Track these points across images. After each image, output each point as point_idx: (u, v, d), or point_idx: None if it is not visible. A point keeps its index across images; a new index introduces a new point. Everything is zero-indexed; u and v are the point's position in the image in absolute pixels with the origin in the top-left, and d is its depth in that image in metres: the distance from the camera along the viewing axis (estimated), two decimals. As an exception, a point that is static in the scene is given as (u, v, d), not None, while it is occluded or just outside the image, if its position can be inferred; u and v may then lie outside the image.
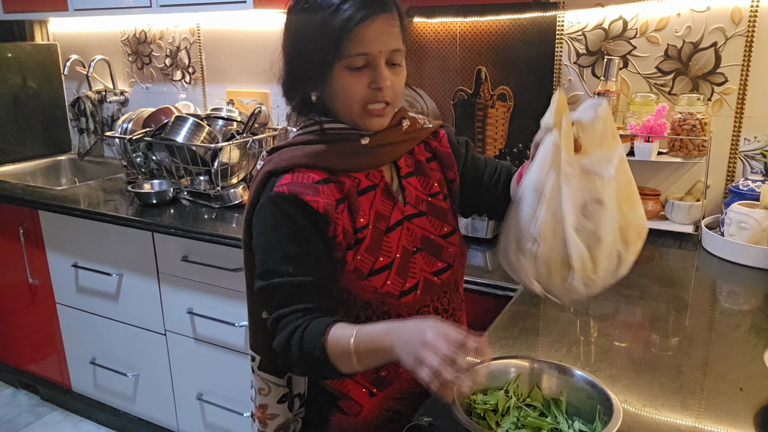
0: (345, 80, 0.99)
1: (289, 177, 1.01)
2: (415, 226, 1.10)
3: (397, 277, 1.06)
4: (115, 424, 2.62)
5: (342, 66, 0.98)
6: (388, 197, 1.09)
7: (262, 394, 1.16)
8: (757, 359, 1.14)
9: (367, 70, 0.99)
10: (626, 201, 1.00)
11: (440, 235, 1.13)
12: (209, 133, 2.29)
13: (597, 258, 0.97)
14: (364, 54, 0.97)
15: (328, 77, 0.99)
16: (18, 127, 3.01)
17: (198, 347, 2.19)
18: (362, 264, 1.03)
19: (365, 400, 1.11)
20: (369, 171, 1.08)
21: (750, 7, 1.75)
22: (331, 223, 1.00)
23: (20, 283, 2.63)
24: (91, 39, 3.06)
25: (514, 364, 1.04)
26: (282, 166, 1.03)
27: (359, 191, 1.06)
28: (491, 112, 2.17)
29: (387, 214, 1.08)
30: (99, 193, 2.49)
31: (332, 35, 0.95)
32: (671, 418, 1.00)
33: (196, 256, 2.06)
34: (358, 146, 1.05)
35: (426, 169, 1.15)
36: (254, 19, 2.57)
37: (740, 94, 1.82)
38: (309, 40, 0.99)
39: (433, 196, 1.14)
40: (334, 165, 1.04)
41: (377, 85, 0.99)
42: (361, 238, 1.04)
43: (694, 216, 1.86)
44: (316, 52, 0.98)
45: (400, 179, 1.12)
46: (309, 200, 0.99)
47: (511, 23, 2.07)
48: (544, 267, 0.98)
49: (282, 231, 0.99)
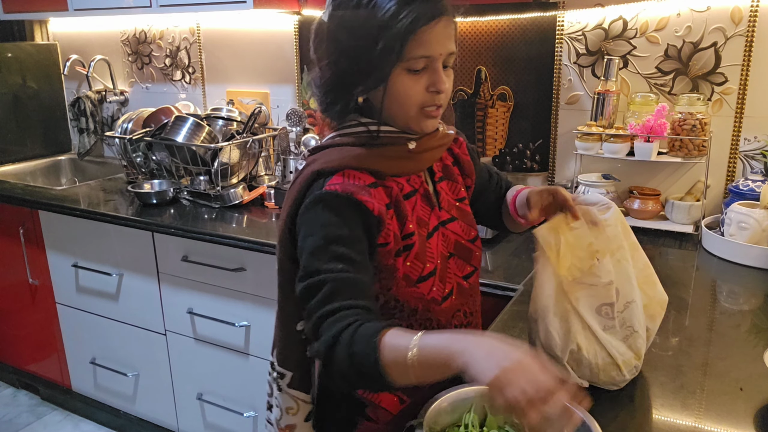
0: (404, 83, 0.97)
1: (340, 177, 0.98)
2: (449, 231, 1.10)
3: (440, 283, 1.05)
4: (115, 424, 2.62)
5: (402, 68, 0.96)
6: (427, 203, 1.08)
7: (290, 414, 1.10)
8: (757, 359, 1.14)
9: (425, 73, 0.98)
10: (646, 282, 1.11)
11: (469, 239, 1.13)
12: (209, 133, 2.29)
13: (636, 347, 1.06)
14: (426, 57, 0.96)
15: (387, 80, 0.96)
16: (18, 127, 3.01)
17: (198, 347, 2.19)
18: (412, 271, 1.02)
19: (396, 407, 1.08)
20: (410, 176, 1.06)
21: (750, 7, 1.75)
22: (383, 227, 0.98)
23: (20, 283, 2.63)
24: (91, 39, 3.06)
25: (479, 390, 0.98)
26: (331, 166, 0.99)
27: (403, 196, 1.04)
28: (491, 112, 2.17)
29: (426, 220, 1.06)
30: (99, 193, 2.49)
31: (396, 37, 0.92)
32: (671, 418, 1.00)
33: (196, 256, 2.06)
34: (404, 150, 1.03)
35: (453, 173, 1.15)
36: (254, 19, 2.57)
37: (740, 94, 1.82)
38: (367, 41, 0.94)
39: (460, 201, 1.15)
40: (381, 168, 1.01)
41: (436, 88, 0.98)
42: (409, 244, 1.02)
43: (694, 216, 1.86)
44: (377, 53, 0.94)
45: (435, 184, 1.12)
46: (365, 200, 0.95)
47: (511, 23, 2.07)
48: (588, 372, 1.04)
49: (331, 230, 0.94)
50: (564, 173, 2.12)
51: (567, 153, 2.09)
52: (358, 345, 0.83)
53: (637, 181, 2.00)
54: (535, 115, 2.12)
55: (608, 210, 1.08)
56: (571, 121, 2.06)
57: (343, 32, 0.97)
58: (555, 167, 2.13)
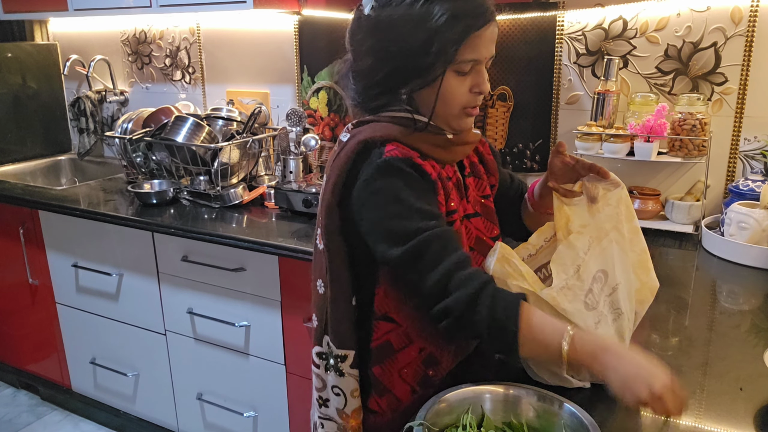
0: (452, 84, 1.00)
1: (393, 145, 1.00)
2: (472, 225, 1.12)
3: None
4: (115, 424, 2.62)
5: (451, 70, 0.99)
6: (459, 192, 1.10)
7: (355, 396, 1.08)
8: (757, 359, 1.14)
9: (471, 75, 1.01)
10: (641, 267, 1.12)
11: (491, 237, 1.15)
12: (209, 133, 2.29)
13: (621, 329, 1.06)
14: (475, 60, 0.99)
15: (437, 80, 0.99)
16: (18, 127, 3.01)
17: (198, 347, 2.19)
18: None
19: (407, 397, 1.09)
20: (445, 164, 1.08)
21: (750, 7, 1.75)
22: (438, 193, 1.01)
23: (20, 283, 2.63)
24: (91, 39, 3.06)
25: (488, 390, 0.98)
26: (380, 136, 1.01)
27: (444, 178, 1.07)
28: (491, 112, 2.17)
29: (457, 208, 1.08)
30: (99, 193, 2.49)
31: (451, 42, 0.95)
32: (671, 418, 1.00)
33: (196, 256, 2.06)
34: (443, 139, 1.06)
35: (479, 171, 1.18)
36: (254, 19, 2.57)
37: (740, 94, 1.82)
38: (421, 43, 0.96)
39: (485, 198, 1.17)
40: (422, 149, 1.04)
41: (479, 89, 1.02)
42: (451, 221, 1.04)
43: (694, 216, 1.86)
44: (431, 55, 0.97)
45: (464, 178, 1.13)
46: (422, 164, 0.99)
47: (511, 23, 2.07)
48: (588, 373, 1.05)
49: (410, 191, 0.96)
50: (564, 173, 2.12)
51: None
52: (500, 311, 0.89)
53: (637, 181, 2.00)
54: (535, 115, 2.12)
55: (615, 188, 1.09)
56: (571, 121, 2.06)
57: (394, 31, 0.98)
58: (555, 167, 2.13)
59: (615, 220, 1.09)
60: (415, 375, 1.08)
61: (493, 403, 0.98)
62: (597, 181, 1.11)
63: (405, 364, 1.07)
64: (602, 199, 1.10)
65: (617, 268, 1.06)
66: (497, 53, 1.05)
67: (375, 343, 1.07)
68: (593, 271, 1.04)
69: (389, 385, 1.08)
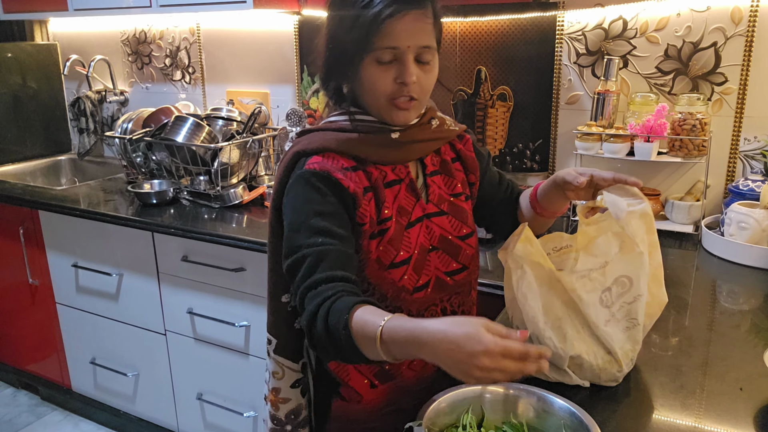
0: (373, 73, 1.00)
1: (319, 158, 1.03)
2: (434, 224, 1.12)
3: (413, 272, 1.07)
4: (115, 424, 2.62)
5: (371, 59, 1.00)
6: (412, 193, 1.10)
7: (276, 378, 1.18)
8: (757, 359, 1.14)
9: (395, 65, 1.01)
10: (654, 281, 1.12)
11: (459, 236, 1.14)
12: (209, 133, 2.29)
13: (635, 339, 1.07)
14: (392, 48, 0.99)
15: (358, 69, 1.01)
16: (18, 127, 3.01)
17: (198, 347, 2.19)
18: (384, 255, 1.05)
19: (366, 390, 1.12)
20: (396, 165, 1.09)
21: (750, 7, 1.75)
22: (359, 206, 1.02)
23: (20, 283, 2.63)
24: (91, 39, 3.06)
25: (488, 390, 0.98)
26: (312, 147, 1.04)
27: (385, 183, 1.07)
28: (491, 112, 2.17)
29: (409, 210, 1.09)
30: (99, 193, 2.49)
31: (363, 28, 0.97)
32: (671, 418, 1.00)
33: (196, 256, 2.06)
34: (388, 139, 1.07)
35: (451, 168, 1.17)
36: (254, 19, 2.57)
37: (740, 94, 1.82)
38: (342, 33, 1.01)
39: (455, 197, 1.16)
40: (363, 154, 1.05)
41: (402, 80, 1.00)
42: (384, 228, 1.05)
43: (694, 216, 1.86)
44: (348, 44, 1.00)
45: (426, 177, 1.14)
46: (340, 179, 1.01)
47: (511, 23, 2.07)
48: (590, 373, 1.05)
49: (312, 206, 0.99)
50: (564, 173, 2.12)
51: (567, 153, 2.09)
52: (332, 319, 0.88)
53: (637, 181, 2.00)
54: (535, 115, 2.12)
55: (640, 204, 1.09)
56: (571, 121, 2.06)
57: (329, 25, 1.04)
58: (555, 167, 2.13)
59: (642, 231, 1.09)
60: (370, 368, 1.11)
61: (492, 403, 0.98)
62: (622, 194, 1.09)
63: None
64: (629, 214, 1.09)
65: (642, 279, 1.07)
66: (497, 53, 1.05)
67: None
68: (618, 273, 1.05)
69: (345, 378, 1.12)
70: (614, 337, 1.04)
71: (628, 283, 1.06)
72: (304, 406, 1.20)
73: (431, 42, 1.02)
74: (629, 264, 1.06)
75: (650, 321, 1.13)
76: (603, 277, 1.04)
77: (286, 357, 1.17)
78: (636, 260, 1.06)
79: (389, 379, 1.13)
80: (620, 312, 1.06)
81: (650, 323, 1.13)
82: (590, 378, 1.06)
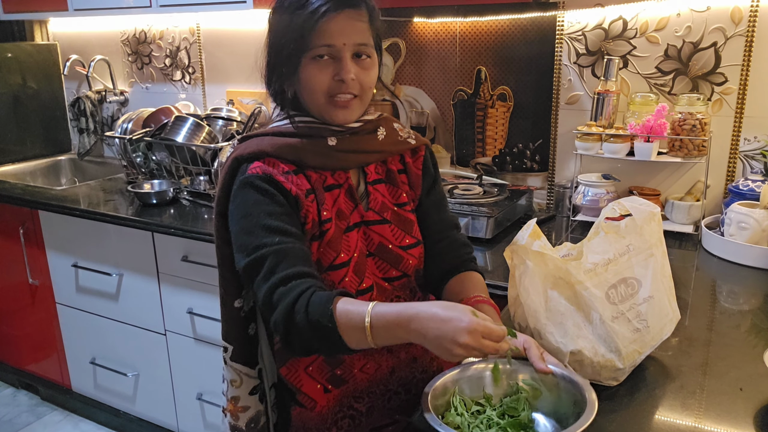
0: (310, 71, 1.03)
1: (260, 162, 1.04)
2: (372, 232, 1.12)
3: (354, 275, 1.08)
4: (115, 424, 2.62)
5: (308, 58, 1.02)
6: (351, 199, 1.11)
7: (234, 386, 1.17)
8: (757, 359, 1.14)
9: (332, 63, 1.03)
10: (670, 295, 1.14)
11: (400, 245, 1.14)
12: (209, 133, 2.29)
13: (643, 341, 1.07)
14: (328, 46, 1.01)
15: (297, 69, 1.03)
16: (18, 127, 3.01)
17: (198, 347, 2.19)
18: (324, 257, 1.06)
19: (319, 396, 1.12)
20: (335, 171, 1.10)
21: (750, 7, 1.75)
22: (302, 207, 1.03)
23: (20, 283, 2.63)
24: (91, 39, 3.06)
25: (487, 368, 1.02)
26: (249, 152, 1.05)
27: (325, 187, 1.09)
28: (491, 112, 2.17)
29: (347, 214, 1.10)
30: (99, 193, 2.49)
31: (298, 28, 1.00)
32: (671, 418, 1.00)
33: (196, 256, 2.06)
34: (324, 146, 1.08)
35: (396, 179, 1.17)
36: (254, 19, 2.57)
37: (740, 94, 1.82)
38: (280, 35, 1.04)
39: (400, 206, 1.16)
40: (300, 159, 1.06)
41: (340, 77, 1.03)
42: (324, 230, 1.06)
43: (694, 216, 1.86)
44: (286, 45, 1.02)
45: (367, 185, 1.14)
46: (282, 182, 1.02)
47: (511, 23, 2.07)
48: (590, 370, 1.05)
49: (263, 207, 1.01)
50: (564, 173, 2.12)
51: (567, 153, 2.09)
52: (314, 312, 0.91)
53: (637, 181, 2.00)
54: (535, 115, 2.12)
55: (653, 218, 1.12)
56: (571, 121, 2.06)
57: (269, 28, 1.07)
58: (555, 167, 2.13)
59: (656, 238, 1.12)
60: (321, 373, 1.11)
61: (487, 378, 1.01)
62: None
63: (308, 362, 1.12)
64: (644, 221, 1.11)
65: (652, 284, 1.08)
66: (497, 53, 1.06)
67: (276, 346, 1.14)
68: (625, 274, 1.07)
69: (298, 384, 1.12)
70: (621, 334, 1.04)
71: (636, 285, 1.07)
72: (263, 413, 1.20)
73: (368, 40, 1.04)
74: (638, 267, 1.07)
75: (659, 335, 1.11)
76: (606, 274, 1.05)
77: (243, 363, 1.16)
78: (645, 263, 1.08)
79: (342, 384, 1.12)
80: (630, 312, 1.06)
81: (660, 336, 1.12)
82: (590, 375, 1.06)
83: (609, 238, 1.08)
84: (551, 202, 2.15)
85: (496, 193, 1.99)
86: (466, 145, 2.26)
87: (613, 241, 1.08)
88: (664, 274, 1.13)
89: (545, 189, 2.17)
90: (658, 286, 1.10)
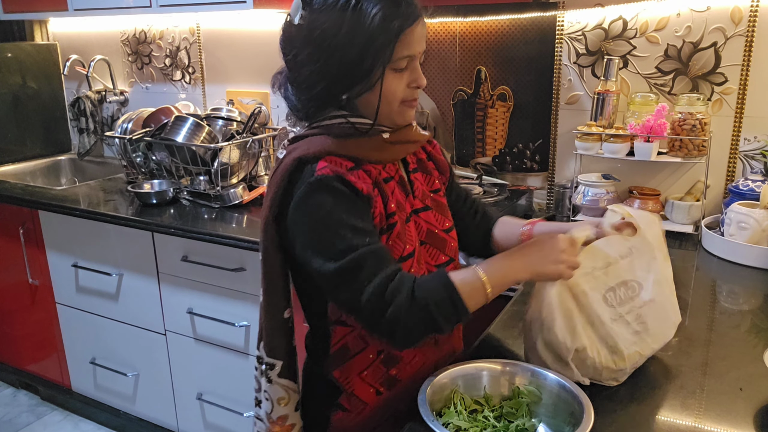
0: (392, 82, 1.03)
1: (325, 162, 1.02)
2: (421, 219, 1.14)
3: (417, 264, 1.09)
4: (115, 424, 2.62)
5: (389, 69, 1.02)
6: (403, 189, 1.12)
7: (282, 405, 1.13)
8: (757, 359, 1.14)
9: (407, 71, 1.04)
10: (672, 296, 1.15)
11: (443, 229, 1.17)
12: (209, 133, 2.29)
13: (644, 344, 1.08)
14: (409, 56, 1.03)
15: (375, 79, 1.01)
16: (18, 127, 3.01)
17: (198, 347, 2.19)
18: (394, 250, 1.06)
19: (371, 398, 1.11)
20: (386, 164, 1.11)
21: (750, 7, 1.75)
22: (372, 205, 1.03)
23: (20, 283, 2.63)
24: (91, 39, 3.06)
25: (485, 367, 1.05)
26: (313, 152, 1.03)
27: (383, 179, 1.09)
28: (491, 112, 2.17)
29: (404, 204, 1.11)
30: (99, 193, 2.49)
31: (387, 42, 0.98)
32: (671, 418, 1.00)
33: (196, 256, 2.06)
34: (380, 141, 1.08)
35: (427, 166, 1.21)
36: (254, 19, 2.57)
37: (740, 94, 1.82)
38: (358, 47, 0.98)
39: (435, 192, 1.19)
40: (359, 155, 1.06)
41: (417, 84, 1.06)
42: (392, 223, 1.06)
43: (694, 216, 1.86)
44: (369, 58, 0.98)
45: (409, 174, 1.16)
46: (353, 181, 1.01)
47: (511, 23, 2.07)
48: (591, 370, 1.06)
49: (343, 207, 0.99)
50: (564, 173, 2.12)
51: (567, 153, 2.09)
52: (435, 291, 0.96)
53: (637, 181, 2.00)
54: (535, 115, 2.12)
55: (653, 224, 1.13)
56: (571, 121, 2.06)
57: (328, 40, 0.99)
58: (555, 167, 2.13)
59: (658, 242, 1.12)
60: (375, 376, 1.10)
61: (491, 378, 1.03)
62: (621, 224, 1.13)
63: (363, 366, 1.09)
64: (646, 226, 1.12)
65: (654, 287, 1.09)
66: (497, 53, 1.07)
67: (333, 348, 1.10)
68: (625, 276, 1.07)
69: (349, 387, 1.10)
70: (621, 336, 1.05)
71: (637, 288, 1.08)
72: (301, 428, 1.18)
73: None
74: (639, 270, 1.08)
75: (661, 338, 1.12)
76: (606, 277, 1.06)
77: (291, 379, 1.12)
78: (646, 266, 1.08)
79: (395, 384, 1.11)
80: (630, 315, 1.07)
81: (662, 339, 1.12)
82: (591, 375, 1.06)
83: (611, 240, 1.09)
84: (551, 202, 2.15)
85: (496, 193, 1.99)
86: (466, 145, 2.26)
87: (616, 243, 1.08)
88: (666, 278, 1.13)
89: (545, 189, 2.17)
90: (660, 289, 1.10)
